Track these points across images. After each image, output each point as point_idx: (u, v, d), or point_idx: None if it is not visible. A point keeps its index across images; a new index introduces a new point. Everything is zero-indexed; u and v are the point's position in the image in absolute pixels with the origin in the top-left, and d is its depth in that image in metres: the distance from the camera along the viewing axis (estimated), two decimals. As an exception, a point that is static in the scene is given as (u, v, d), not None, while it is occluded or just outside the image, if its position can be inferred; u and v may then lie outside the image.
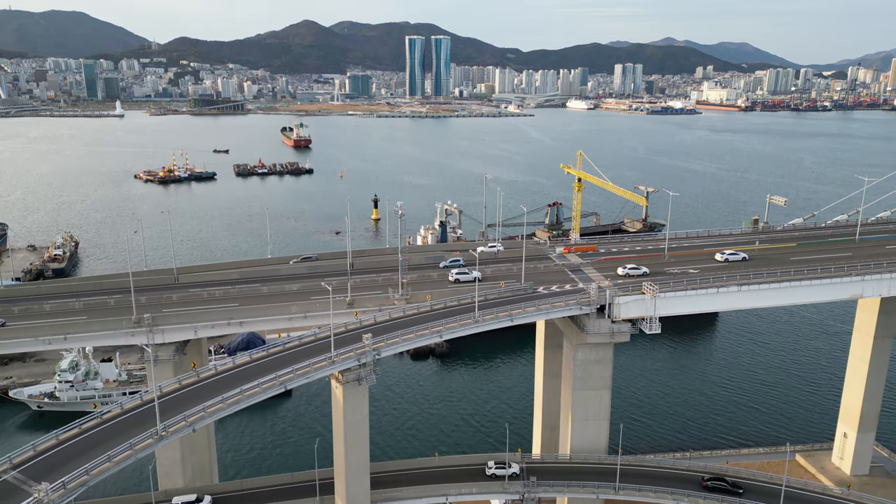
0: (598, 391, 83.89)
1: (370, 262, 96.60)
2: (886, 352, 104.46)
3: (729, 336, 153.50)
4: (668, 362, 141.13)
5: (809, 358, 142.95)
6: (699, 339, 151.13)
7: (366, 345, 66.85)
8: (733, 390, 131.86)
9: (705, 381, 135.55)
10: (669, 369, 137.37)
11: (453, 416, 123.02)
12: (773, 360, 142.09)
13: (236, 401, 58.99)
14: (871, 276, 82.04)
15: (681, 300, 79.62)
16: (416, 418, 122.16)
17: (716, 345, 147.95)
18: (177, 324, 75.29)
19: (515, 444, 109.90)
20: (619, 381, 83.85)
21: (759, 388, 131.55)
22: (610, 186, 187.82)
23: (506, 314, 74.97)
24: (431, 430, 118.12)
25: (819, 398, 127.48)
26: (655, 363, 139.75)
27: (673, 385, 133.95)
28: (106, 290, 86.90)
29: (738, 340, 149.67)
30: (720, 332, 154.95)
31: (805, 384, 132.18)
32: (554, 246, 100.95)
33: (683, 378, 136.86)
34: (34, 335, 73.48)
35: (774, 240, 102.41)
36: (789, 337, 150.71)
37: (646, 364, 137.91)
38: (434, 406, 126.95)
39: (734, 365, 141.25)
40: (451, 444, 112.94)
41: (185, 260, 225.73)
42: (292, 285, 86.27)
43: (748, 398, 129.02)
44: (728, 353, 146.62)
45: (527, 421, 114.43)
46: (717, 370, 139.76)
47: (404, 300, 79.09)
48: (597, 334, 78.18)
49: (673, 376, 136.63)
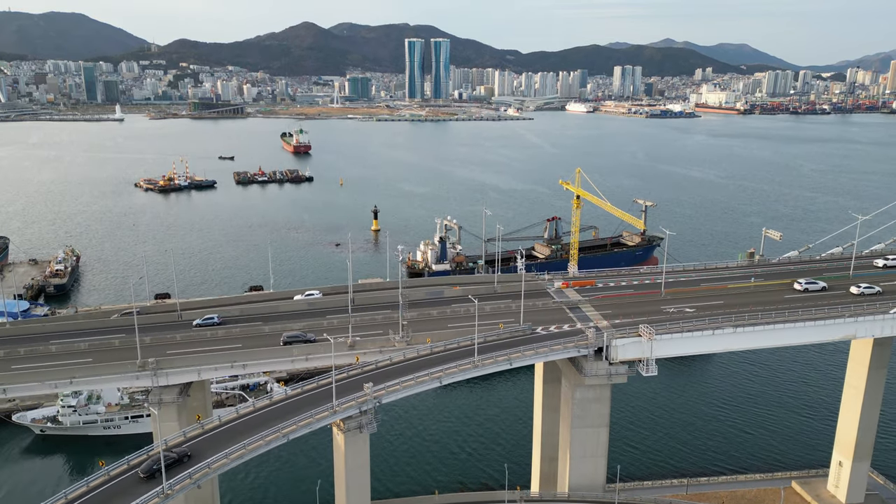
0: (595, 429, 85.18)
1: (371, 297, 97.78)
2: (881, 383, 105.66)
3: (725, 363, 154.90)
4: (663, 388, 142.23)
5: (805, 385, 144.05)
6: (695, 366, 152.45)
7: (367, 393, 68.13)
8: (729, 417, 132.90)
9: (701, 408, 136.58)
10: (665, 395, 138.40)
11: (451, 444, 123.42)
12: (769, 388, 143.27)
13: (240, 455, 60.25)
14: (864, 318, 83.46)
15: (677, 342, 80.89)
16: (413, 449, 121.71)
17: (712, 371, 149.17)
18: (181, 367, 76.52)
19: (514, 474, 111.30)
20: (614, 406, 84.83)
21: (755, 416, 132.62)
22: (608, 207, 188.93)
23: (504, 358, 76.27)
24: (429, 461, 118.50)
25: (815, 425, 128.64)
26: (651, 389, 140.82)
27: (669, 411, 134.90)
28: (110, 329, 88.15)
29: (733, 367, 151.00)
30: (716, 359, 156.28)
31: (800, 411, 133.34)
32: (552, 280, 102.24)
33: (679, 404, 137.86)
34: (41, 379, 74.71)
35: (770, 275, 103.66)
36: (785, 364, 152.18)
37: (641, 390, 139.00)
38: (431, 434, 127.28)
39: (730, 392, 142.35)
40: (449, 476, 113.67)
41: (187, 275, 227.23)
42: (294, 324, 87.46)
43: (744, 425, 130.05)
44: (724, 379, 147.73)
45: (525, 449, 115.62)
46: (712, 397, 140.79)
47: (405, 342, 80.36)
48: (594, 376, 79.48)
49: (669, 402, 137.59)
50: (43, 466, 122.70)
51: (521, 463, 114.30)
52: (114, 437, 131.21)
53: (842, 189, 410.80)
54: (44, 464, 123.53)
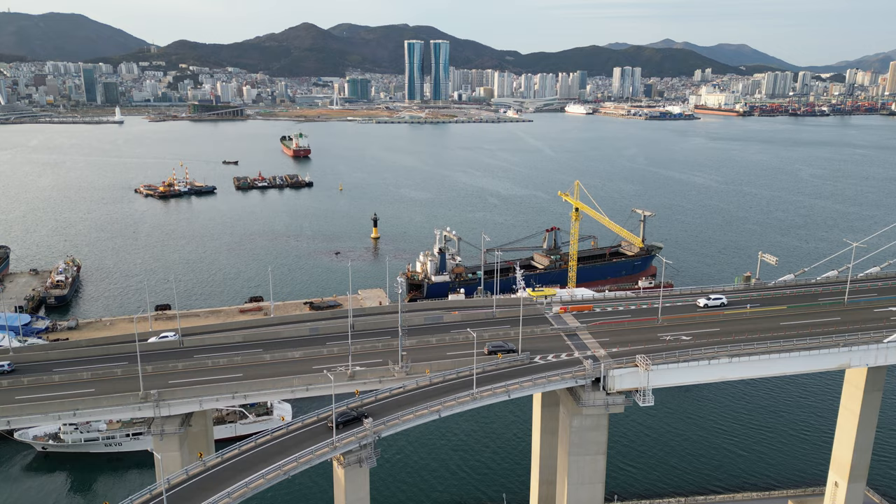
0: (593, 456, 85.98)
1: (371, 322, 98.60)
2: (876, 405, 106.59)
3: (721, 383, 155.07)
4: (660, 407, 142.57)
5: (800, 406, 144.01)
6: (692, 386, 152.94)
7: (367, 428, 69.07)
8: (725, 436, 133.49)
9: (697, 427, 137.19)
10: (662, 414, 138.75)
11: (450, 467, 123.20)
12: (765, 408, 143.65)
13: (241, 494, 61.12)
14: (858, 347, 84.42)
15: (673, 372, 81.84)
16: (411, 474, 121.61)
17: (708, 391, 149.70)
18: (182, 398, 77.40)
19: (512, 496, 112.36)
20: (611, 426, 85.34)
21: (752, 435, 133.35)
22: (606, 221, 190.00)
23: (503, 390, 77.17)
24: (428, 482, 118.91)
25: (811, 445, 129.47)
26: (648, 409, 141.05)
27: (665, 430, 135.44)
28: (113, 357, 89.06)
29: (730, 387, 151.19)
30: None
31: (797, 431, 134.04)
32: (551, 305, 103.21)
33: (676, 423, 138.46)
34: (45, 411, 75.60)
35: (765, 299, 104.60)
36: (781, 385, 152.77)
37: (638, 409, 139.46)
38: (430, 455, 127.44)
39: (726, 411, 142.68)
40: (448, 499, 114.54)
41: (187, 285, 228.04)
42: (295, 352, 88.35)
43: (740, 444, 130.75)
44: (720, 399, 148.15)
45: (524, 472, 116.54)
46: (709, 416, 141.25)
47: (404, 372, 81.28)
48: (592, 406, 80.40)
49: (665, 421, 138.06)
50: (44, 484, 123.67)
51: (520, 485, 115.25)
52: (115, 455, 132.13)
53: (841, 195, 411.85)
54: (45, 481, 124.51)
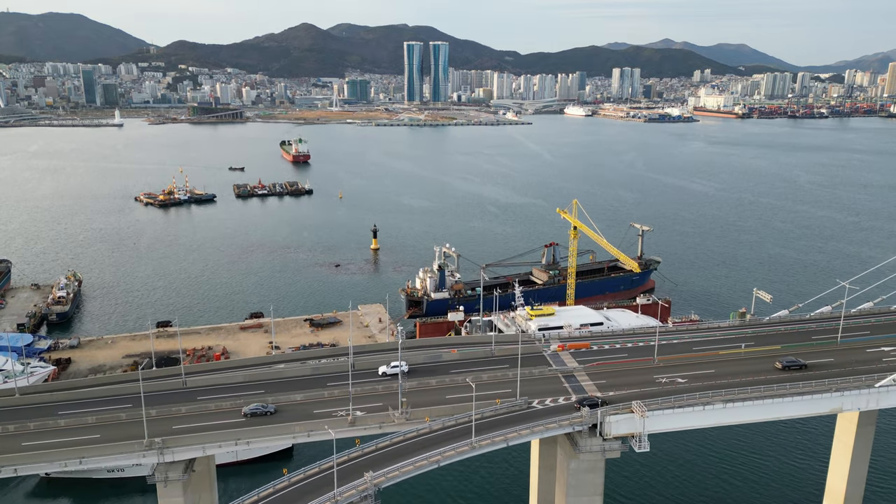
0: (590, 497, 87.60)
1: (371, 362, 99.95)
2: (869, 438, 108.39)
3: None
4: (656, 446, 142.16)
5: (793, 442, 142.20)
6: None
7: (367, 481, 70.60)
8: (719, 467, 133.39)
9: (691, 456, 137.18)
10: (659, 452, 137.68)
11: (447, 500, 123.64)
12: (759, 439, 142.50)
13: (246, 552, 62.75)
14: (850, 392, 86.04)
15: (668, 417, 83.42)
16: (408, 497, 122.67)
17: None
18: (186, 445, 78.93)
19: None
20: (608, 467, 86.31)
21: (745, 466, 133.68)
22: (604, 243, 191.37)
23: (501, 438, 78.75)
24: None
25: (804, 477, 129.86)
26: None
27: (662, 468, 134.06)
28: (117, 397, 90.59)
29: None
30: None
31: (791, 460, 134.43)
32: (549, 343, 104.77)
33: (670, 454, 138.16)
34: (51, 459, 77.19)
35: (760, 337, 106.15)
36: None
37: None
38: (428, 490, 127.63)
39: (720, 442, 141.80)
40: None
41: (187, 300, 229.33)
42: (296, 395, 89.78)
43: (733, 475, 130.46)
44: (714, 430, 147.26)
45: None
46: (703, 446, 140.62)
47: (404, 418, 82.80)
48: (588, 452, 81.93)
49: (662, 460, 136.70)
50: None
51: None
52: (118, 481, 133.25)
53: (839, 204, 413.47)
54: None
